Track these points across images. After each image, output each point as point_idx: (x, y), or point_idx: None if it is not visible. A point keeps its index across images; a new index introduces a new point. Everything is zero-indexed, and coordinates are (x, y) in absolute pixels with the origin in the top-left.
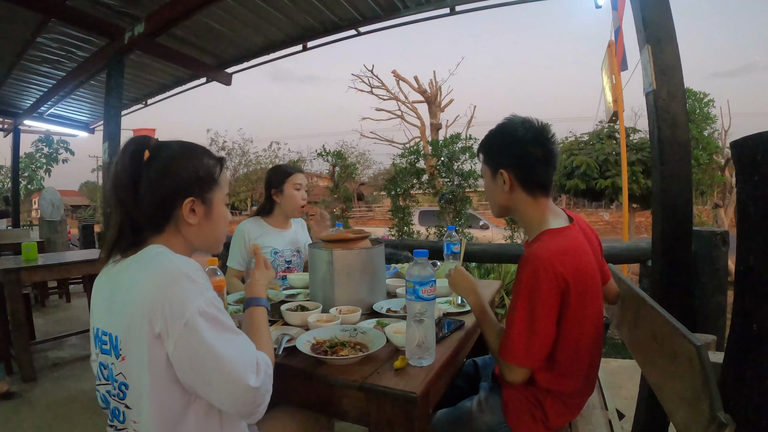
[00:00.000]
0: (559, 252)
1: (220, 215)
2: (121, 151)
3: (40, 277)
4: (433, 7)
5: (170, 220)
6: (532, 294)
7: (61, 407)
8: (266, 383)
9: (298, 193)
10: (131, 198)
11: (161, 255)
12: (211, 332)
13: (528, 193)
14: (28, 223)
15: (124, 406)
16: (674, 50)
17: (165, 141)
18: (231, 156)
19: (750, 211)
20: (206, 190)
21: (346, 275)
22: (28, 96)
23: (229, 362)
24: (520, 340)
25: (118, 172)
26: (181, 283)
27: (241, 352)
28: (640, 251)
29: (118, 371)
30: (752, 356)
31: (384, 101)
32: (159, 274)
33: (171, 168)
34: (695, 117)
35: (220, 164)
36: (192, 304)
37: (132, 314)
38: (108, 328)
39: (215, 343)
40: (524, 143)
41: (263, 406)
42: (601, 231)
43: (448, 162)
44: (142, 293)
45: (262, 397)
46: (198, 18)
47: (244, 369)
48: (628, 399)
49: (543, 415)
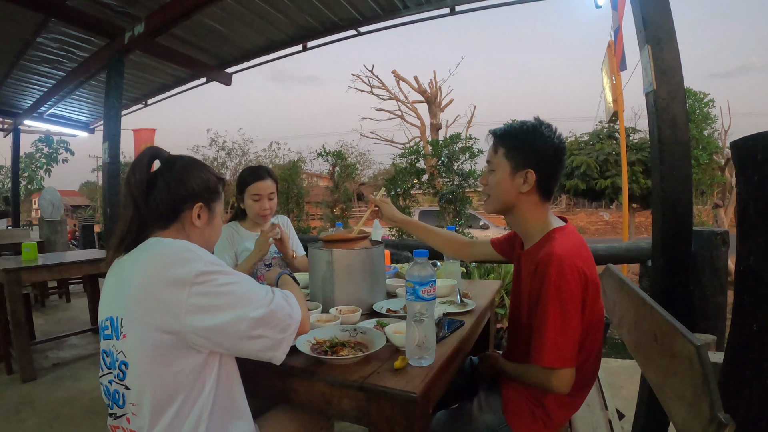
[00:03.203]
0: (577, 249)
1: (218, 224)
2: (138, 158)
3: (40, 277)
4: (433, 7)
5: (177, 220)
6: (561, 292)
7: (61, 407)
8: (283, 305)
9: (257, 204)
10: (144, 198)
11: (160, 241)
12: (219, 278)
13: (541, 197)
14: (28, 223)
15: (124, 387)
16: (674, 50)
17: (176, 154)
18: (231, 156)
19: (750, 211)
20: (212, 200)
21: (346, 275)
22: (28, 96)
23: (236, 294)
24: (559, 340)
25: (137, 176)
26: (181, 254)
27: (244, 287)
28: (640, 251)
29: (119, 350)
30: (752, 356)
31: (384, 101)
32: (159, 253)
33: (187, 176)
34: (695, 117)
35: (222, 182)
36: (195, 267)
37: (134, 294)
38: (110, 313)
39: (225, 284)
40: (560, 152)
41: (291, 327)
42: (601, 231)
43: (448, 162)
44: (143, 273)
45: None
46: (198, 18)
47: (247, 303)
48: (628, 399)
49: (544, 413)
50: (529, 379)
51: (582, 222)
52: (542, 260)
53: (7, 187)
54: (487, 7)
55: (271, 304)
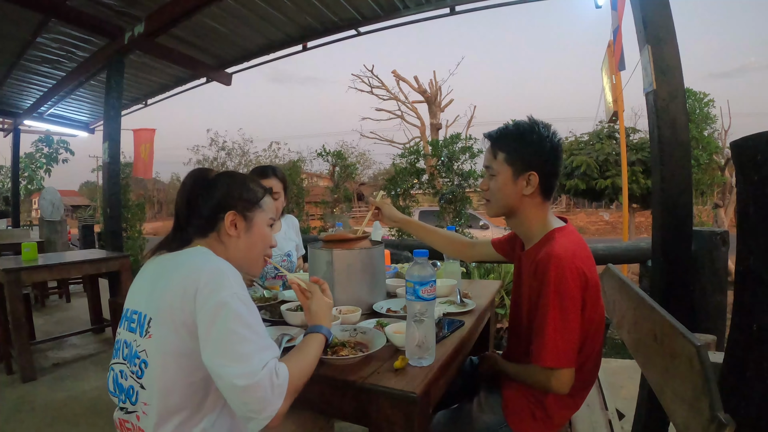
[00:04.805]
0: (576, 249)
1: (260, 234)
2: (187, 176)
3: (40, 277)
4: (433, 7)
5: (214, 229)
6: (561, 292)
7: (61, 407)
8: (266, 389)
9: None
10: (185, 211)
11: (206, 254)
12: (235, 318)
13: (543, 197)
14: (28, 223)
15: (140, 385)
16: (674, 50)
17: (227, 171)
18: (231, 156)
19: (750, 211)
20: (248, 209)
21: (346, 275)
22: (28, 96)
23: (233, 350)
24: (559, 340)
25: (181, 192)
26: (222, 274)
27: (248, 348)
28: (640, 251)
29: (142, 348)
30: (752, 356)
31: (384, 101)
32: (202, 265)
33: (219, 186)
34: (695, 117)
35: (266, 192)
36: (226, 290)
37: (170, 298)
38: (140, 308)
39: (236, 332)
40: (558, 150)
41: (262, 414)
42: (601, 231)
43: (448, 162)
44: (182, 280)
45: (256, 399)
46: (198, 18)
47: (239, 362)
48: (628, 399)
49: (544, 414)
50: (528, 379)
51: (582, 222)
52: (542, 261)
53: (7, 187)
54: (487, 7)
55: (254, 380)
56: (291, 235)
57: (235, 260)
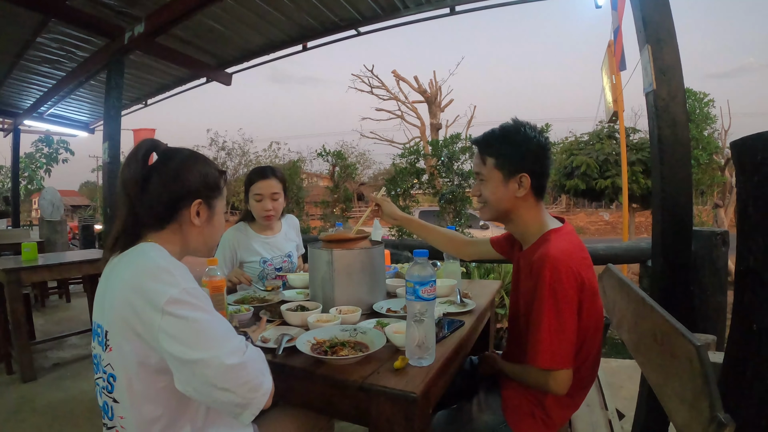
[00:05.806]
0: (572, 250)
1: (219, 222)
2: (134, 151)
3: (40, 277)
4: (433, 7)
5: (174, 219)
6: (556, 293)
7: (61, 407)
8: (257, 361)
9: (259, 204)
10: (139, 195)
11: (146, 252)
12: (193, 309)
13: (536, 198)
14: (28, 223)
15: (112, 399)
16: (674, 50)
17: (175, 147)
18: (231, 156)
19: (750, 211)
20: (212, 197)
21: (346, 275)
22: (28, 96)
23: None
24: (555, 341)
25: (131, 171)
26: (165, 272)
27: (221, 328)
28: (640, 251)
29: (107, 362)
30: (752, 356)
31: (384, 101)
32: (139, 269)
33: (184, 171)
34: (695, 117)
35: (223, 176)
36: (174, 288)
37: (117, 308)
38: (99, 321)
39: (199, 320)
40: (546, 149)
41: (259, 390)
42: (601, 231)
43: (448, 162)
44: (123, 289)
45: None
46: (198, 18)
47: (222, 342)
48: (628, 399)
49: (543, 413)
50: (526, 379)
51: (582, 222)
52: (537, 262)
53: (7, 187)
54: (487, 7)
55: (245, 356)
56: (291, 236)
57: (193, 249)
